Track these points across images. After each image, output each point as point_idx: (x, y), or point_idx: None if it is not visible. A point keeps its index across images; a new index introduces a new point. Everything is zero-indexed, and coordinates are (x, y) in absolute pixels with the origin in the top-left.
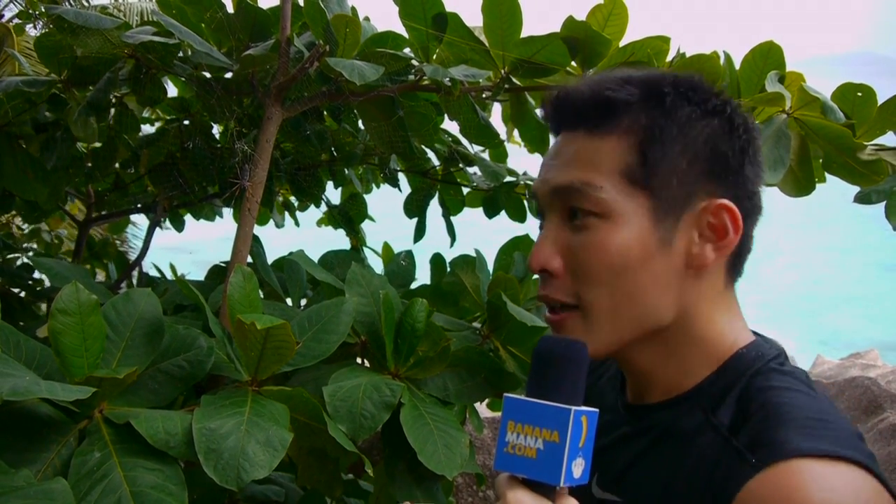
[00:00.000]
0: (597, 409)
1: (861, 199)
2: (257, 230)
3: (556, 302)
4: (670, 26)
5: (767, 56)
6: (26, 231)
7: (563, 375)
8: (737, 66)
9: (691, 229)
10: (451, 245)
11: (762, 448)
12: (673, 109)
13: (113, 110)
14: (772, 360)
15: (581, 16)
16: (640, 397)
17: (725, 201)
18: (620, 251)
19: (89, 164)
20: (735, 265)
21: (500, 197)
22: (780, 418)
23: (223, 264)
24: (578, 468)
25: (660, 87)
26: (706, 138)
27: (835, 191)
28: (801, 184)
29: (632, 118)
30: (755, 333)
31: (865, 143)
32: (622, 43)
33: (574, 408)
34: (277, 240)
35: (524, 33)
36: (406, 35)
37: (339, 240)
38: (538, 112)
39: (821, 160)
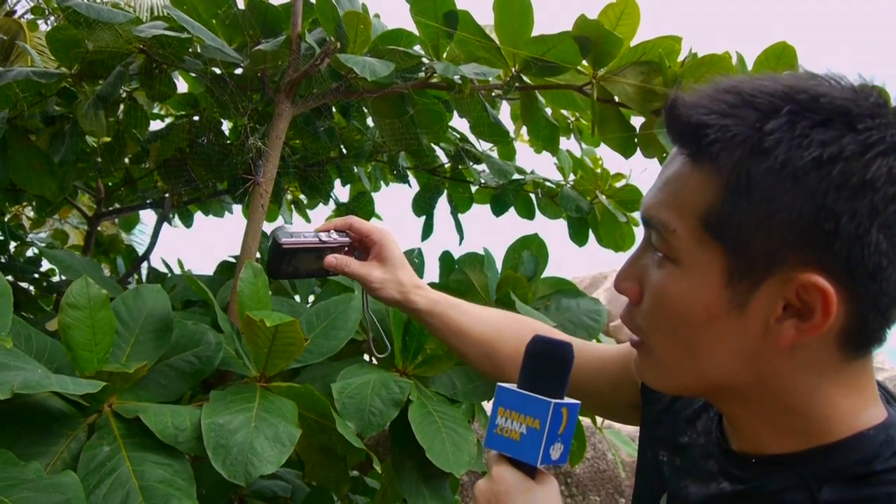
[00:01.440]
0: (578, 402)
1: None
2: (266, 227)
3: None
4: (681, 26)
5: (780, 57)
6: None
7: (550, 373)
8: (749, 66)
9: (775, 298)
10: (460, 242)
11: None
12: (773, 153)
13: (122, 105)
14: None
15: (593, 14)
16: (731, 440)
17: (817, 279)
18: (680, 306)
19: (99, 159)
20: (852, 341)
21: (509, 194)
22: None
23: (231, 259)
24: (556, 451)
25: (765, 120)
26: (811, 194)
27: None
28: None
29: (728, 154)
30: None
31: None
32: (633, 42)
33: (554, 401)
34: None
35: (535, 31)
36: (417, 32)
37: None
38: (547, 111)
39: None
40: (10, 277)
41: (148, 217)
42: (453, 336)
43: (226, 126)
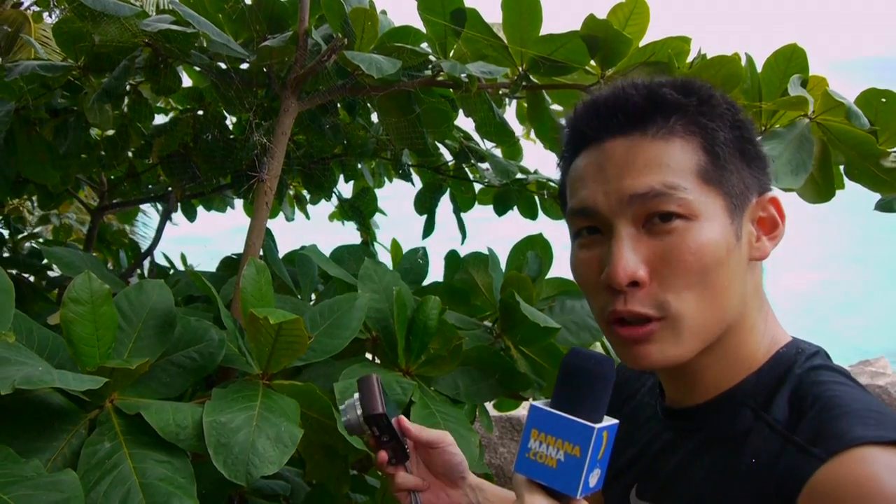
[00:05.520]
0: (617, 421)
1: (883, 206)
2: (268, 224)
3: (640, 316)
4: (691, 27)
5: (790, 59)
6: (37, 216)
7: (590, 392)
8: (758, 68)
9: (748, 224)
10: (462, 241)
11: (825, 440)
12: (719, 108)
13: (127, 98)
14: (814, 356)
15: (602, 14)
16: (679, 401)
17: (774, 194)
18: (711, 248)
19: (102, 152)
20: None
21: (512, 194)
22: (837, 410)
23: (235, 256)
24: (594, 478)
25: (704, 89)
26: (742, 133)
27: (842, 195)
28: (820, 190)
29: (687, 120)
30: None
31: (889, 150)
32: (643, 42)
33: (597, 426)
34: (284, 234)
35: (544, 30)
36: (424, 30)
37: (340, 235)
38: (552, 110)
39: (841, 167)
40: (13, 270)
41: (151, 211)
42: None
43: (230, 121)
